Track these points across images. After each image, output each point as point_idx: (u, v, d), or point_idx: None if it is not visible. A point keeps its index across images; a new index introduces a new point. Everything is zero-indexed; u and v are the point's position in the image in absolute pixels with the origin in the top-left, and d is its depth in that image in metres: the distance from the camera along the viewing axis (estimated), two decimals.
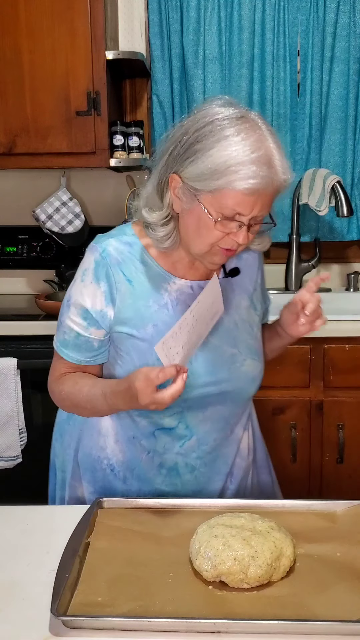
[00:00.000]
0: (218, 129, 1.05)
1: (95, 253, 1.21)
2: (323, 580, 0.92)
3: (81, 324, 1.20)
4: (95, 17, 2.24)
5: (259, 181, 1.03)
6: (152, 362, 1.16)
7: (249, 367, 1.25)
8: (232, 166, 1.02)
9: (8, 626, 0.85)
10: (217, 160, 1.03)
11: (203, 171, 1.05)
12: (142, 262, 1.20)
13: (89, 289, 1.20)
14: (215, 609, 0.87)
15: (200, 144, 1.06)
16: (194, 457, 1.26)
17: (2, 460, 2.16)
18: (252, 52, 2.51)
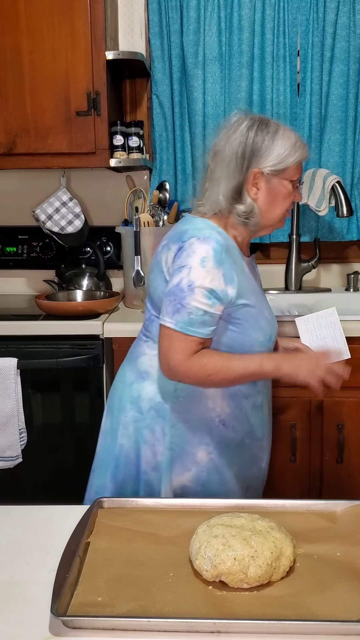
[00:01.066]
0: (276, 126, 1.46)
1: (211, 242, 1.41)
2: (323, 580, 0.92)
3: (207, 303, 1.39)
4: (95, 17, 2.24)
5: (307, 152, 1.51)
6: (263, 322, 1.51)
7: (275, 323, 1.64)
8: (297, 145, 1.46)
9: (8, 626, 0.85)
10: (287, 142, 1.45)
11: (281, 154, 1.45)
12: (232, 247, 1.48)
13: (211, 273, 1.39)
14: (215, 609, 0.87)
15: (266, 140, 1.44)
16: (265, 392, 1.62)
17: (2, 460, 2.16)
18: (252, 52, 2.51)
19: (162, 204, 2.49)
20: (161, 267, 1.48)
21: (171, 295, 1.40)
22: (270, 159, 1.44)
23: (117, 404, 1.61)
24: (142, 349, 1.59)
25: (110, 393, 1.67)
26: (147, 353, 1.58)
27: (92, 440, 2.21)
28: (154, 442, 1.54)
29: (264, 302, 1.57)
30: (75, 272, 2.65)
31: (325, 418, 2.17)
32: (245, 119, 1.46)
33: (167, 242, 1.49)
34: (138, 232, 2.32)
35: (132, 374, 1.60)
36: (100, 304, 2.29)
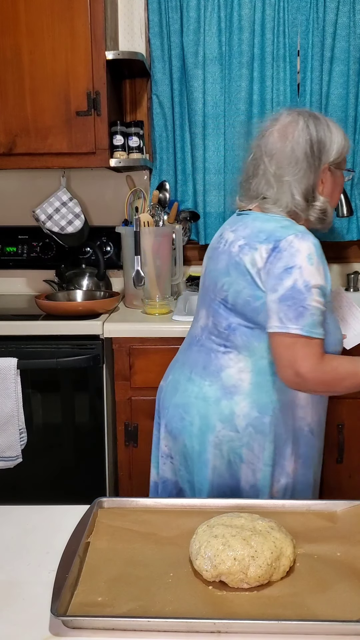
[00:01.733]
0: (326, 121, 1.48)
1: (310, 238, 1.38)
2: (323, 580, 0.92)
3: (321, 302, 1.36)
4: (95, 17, 2.24)
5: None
6: (332, 323, 1.46)
7: None
8: (344, 135, 1.50)
9: (8, 626, 0.85)
10: (340, 135, 1.48)
11: (339, 146, 1.47)
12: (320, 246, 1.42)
13: (319, 270, 1.35)
14: (215, 609, 0.87)
15: (326, 137, 1.45)
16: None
17: (2, 460, 2.16)
18: (252, 52, 2.51)
19: (162, 204, 2.49)
20: (244, 269, 1.38)
21: (288, 300, 1.32)
22: (333, 152, 1.46)
23: (198, 422, 1.48)
24: (224, 362, 1.46)
25: (177, 410, 1.53)
26: (232, 366, 1.45)
27: (92, 440, 2.22)
28: (253, 460, 1.46)
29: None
30: (75, 272, 2.65)
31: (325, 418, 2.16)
32: (298, 116, 1.45)
33: (247, 241, 1.40)
34: (138, 232, 2.32)
35: (216, 390, 1.47)
36: (100, 304, 2.29)
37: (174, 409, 1.54)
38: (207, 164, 2.62)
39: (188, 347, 1.59)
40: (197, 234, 2.71)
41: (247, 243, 1.40)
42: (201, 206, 2.65)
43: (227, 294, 1.43)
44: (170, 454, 1.59)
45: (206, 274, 1.54)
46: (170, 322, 2.18)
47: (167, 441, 1.58)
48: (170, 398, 1.57)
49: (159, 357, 2.15)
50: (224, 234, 1.50)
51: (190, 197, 2.67)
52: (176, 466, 1.57)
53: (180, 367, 1.59)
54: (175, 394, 1.55)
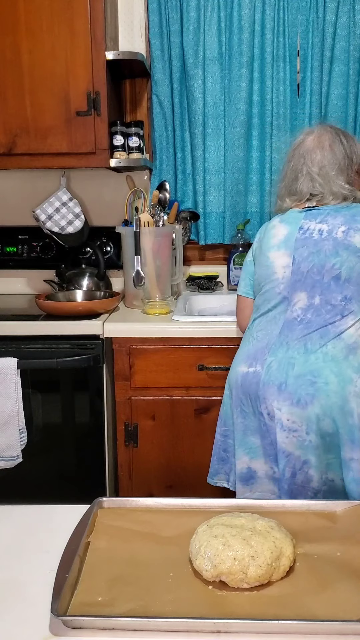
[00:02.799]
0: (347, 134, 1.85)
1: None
2: (323, 580, 0.92)
3: None
4: (95, 17, 2.24)
5: None
6: None
7: None
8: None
9: (8, 626, 0.85)
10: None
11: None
12: None
13: None
14: (215, 609, 0.87)
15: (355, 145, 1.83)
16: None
17: (2, 460, 2.16)
18: (252, 52, 2.51)
19: (162, 204, 2.49)
20: (356, 247, 1.67)
21: None
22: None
23: (335, 380, 1.61)
24: (343, 327, 1.66)
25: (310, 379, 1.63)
26: (351, 326, 1.66)
27: (92, 440, 2.22)
28: None
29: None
30: (75, 272, 2.65)
31: None
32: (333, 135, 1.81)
33: (348, 226, 1.70)
34: (138, 232, 2.32)
35: (341, 348, 1.65)
36: (100, 304, 2.29)
37: (296, 380, 1.64)
38: (207, 164, 2.62)
39: (286, 330, 1.71)
40: (197, 234, 2.71)
41: (350, 227, 1.69)
42: (201, 206, 2.65)
43: (340, 271, 1.67)
44: (294, 427, 1.64)
45: (300, 261, 1.72)
46: (170, 322, 2.18)
47: (290, 415, 1.64)
48: (283, 375, 1.66)
49: (159, 357, 2.15)
50: (308, 226, 1.74)
51: (190, 197, 2.68)
52: (302, 437, 1.63)
53: (283, 347, 1.70)
54: (292, 368, 1.66)
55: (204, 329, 2.13)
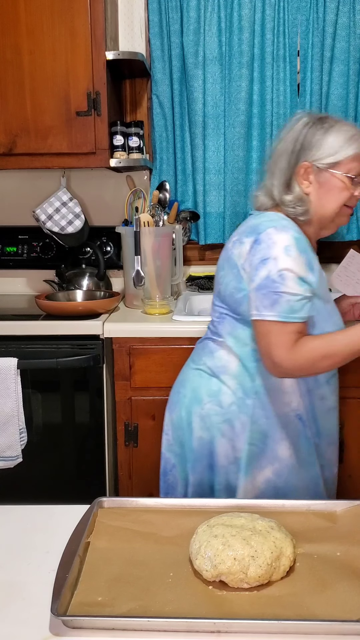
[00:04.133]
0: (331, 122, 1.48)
1: (290, 230, 1.43)
2: (323, 580, 0.92)
3: (300, 289, 1.40)
4: (95, 17, 2.24)
5: None
6: (336, 320, 1.52)
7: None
8: (351, 138, 1.45)
9: (8, 626, 0.85)
10: (341, 137, 1.45)
11: (332, 147, 1.45)
12: (305, 239, 1.47)
13: (297, 261, 1.40)
14: (215, 609, 0.87)
15: (317, 135, 1.46)
16: (337, 394, 1.62)
17: (2, 460, 2.16)
18: (252, 52, 2.51)
19: (162, 204, 2.49)
20: (233, 262, 1.48)
21: (263, 289, 1.40)
22: (320, 152, 1.46)
23: (190, 395, 1.61)
24: (217, 345, 1.58)
25: (177, 386, 1.67)
26: (222, 349, 1.57)
27: (92, 440, 2.22)
28: (233, 437, 1.55)
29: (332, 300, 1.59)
30: (75, 272, 2.65)
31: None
32: (303, 117, 1.52)
33: (238, 237, 1.50)
34: (138, 232, 2.32)
35: (209, 367, 1.59)
36: (100, 304, 2.29)
37: (174, 387, 1.69)
38: (207, 164, 2.62)
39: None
40: (197, 234, 2.71)
41: (238, 239, 1.50)
42: (201, 206, 2.65)
43: (221, 286, 1.54)
44: (166, 429, 1.68)
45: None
46: (170, 322, 2.18)
47: (165, 417, 1.70)
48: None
49: (159, 357, 2.15)
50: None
51: (190, 197, 2.68)
52: (169, 441, 1.67)
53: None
54: (179, 377, 1.70)
55: (204, 329, 2.12)
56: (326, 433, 1.61)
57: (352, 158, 1.46)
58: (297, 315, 1.39)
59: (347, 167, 1.47)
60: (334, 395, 1.60)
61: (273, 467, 1.55)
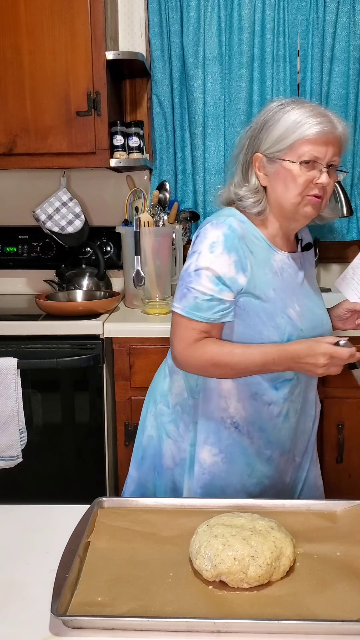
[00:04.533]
0: (278, 109, 1.36)
1: (223, 227, 1.37)
2: (323, 580, 0.92)
3: (214, 289, 1.35)
4: (95, 17, 2.24)
5: (324, 126, 1.31)
6: (280, 321, 1.40)
7: (329, 325, 1.53)
8: (300, 121, 1.32)
9: (8, 626, 0.85)
10: (286, 122, 1.34)
11: (278, 135, 1.35)
12: (255, 237, 1.41)
13: (220, 259, 1.35)
14: (215, 609, 0.87)
15: (269, 122, 1.36)
16: (298, 402, 1.49)
17: (2, 460, 2.16)
18: (252, 52, 2.51)
19: (162, 204, 2.49)
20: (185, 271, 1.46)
21: (180, 281, 1.40)
22: (267, 142, 1.37)
23: (151, 394, 1.62)
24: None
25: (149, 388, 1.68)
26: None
27: (92, 440, 2.22)
28: (178, 438, 1.53)
29: (295, 302, 1.44)
30: (75, 272, 2.65)
31: (325, 418, 2.17)
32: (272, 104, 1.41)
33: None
34: (138, 232, 2.32)
35: (166, 367, 1.59)
36: (100, 304, 2.29)
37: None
38: (207, 164, 2.62)
39: None
40: None
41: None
42: (201, 206, 2.65)
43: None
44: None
45: None
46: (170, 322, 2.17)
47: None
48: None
49: (159, 357, 2.14)
50: None
51: (190, 197, 2.67)
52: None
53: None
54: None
55: None
56: (277, 442, 1.49)
57: (302, 142, 1.33)
58: (201, 314, 1.36)
59: (297, 153, 1.34)
60: (288, 403, 1.47)
61: (194, 471, 1.49)
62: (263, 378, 1.43)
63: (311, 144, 1.33)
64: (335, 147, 1.36)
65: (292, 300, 1.44)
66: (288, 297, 1.43)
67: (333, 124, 1.34)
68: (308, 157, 1.33)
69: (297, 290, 1.46)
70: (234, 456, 1.47)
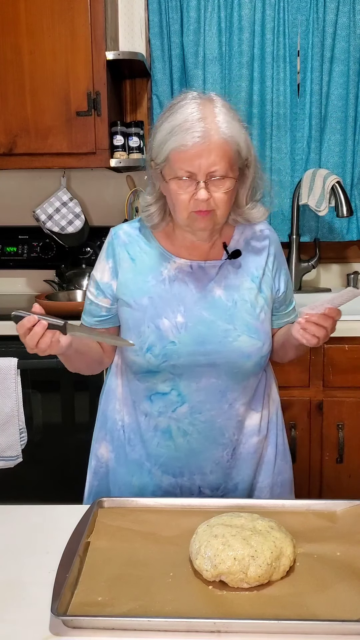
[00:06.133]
0: (168, 109, 1.25)
1: (109, 236, 1.39)
2: (323, 580, 0.92)
3: (93, 293, 1.39)
4: (96, 17, 2.24)
5: (191, 135, 1.16)
6: (144, 329, 1.32)
7: (243, 342, 1.32)
8: (171, 131, 1.19)
9: (8, 626, 0.85)
10: (163, 131, 1.21)
11: (156, 145, 1.23)
12: (147, 244, 1.36)
13: (100, 265, 1.38)
14: (215, 609, 0.87)
15: (156, 123, 1.25)
16: (187, 422, 1.35)
17: (2, 460, 2.16)
18: (252, 52, 2.51)
19: None
20: None
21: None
22: (152, 149, 1.25)
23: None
24: None
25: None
26: None
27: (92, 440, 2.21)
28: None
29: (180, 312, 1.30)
30: (76, 272, 2.65)
31: (325, 418, 2.17)
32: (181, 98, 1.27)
33: None
34: None
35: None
36: None
37: None
38: None
39: None
40: None
41: None
42: None
43: None
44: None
45: None
46: None
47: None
48: None
49: None
50: None
51: None
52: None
53: None
54: None
55: None
56: (158, 459, 1.37)
57: (173, 156, 1.19)
58: (86, 318, 1.42)
59: (173, 169, 1.19)
60: (168, 419, 1.35)
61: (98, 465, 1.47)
62: (140, 386, 1.36)
63: (180, 155, 1.18)
64: (212, 155, 1.17)
65: (175, 311, 1.31)
66: (169, 306, 1.31)
67: (206, 132, 1.16)
68: (181, 172, 1.18)
69: (188, 300, 1.31)
70: (121, 458, 1.42)
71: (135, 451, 1.40)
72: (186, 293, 1.32)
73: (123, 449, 1.41)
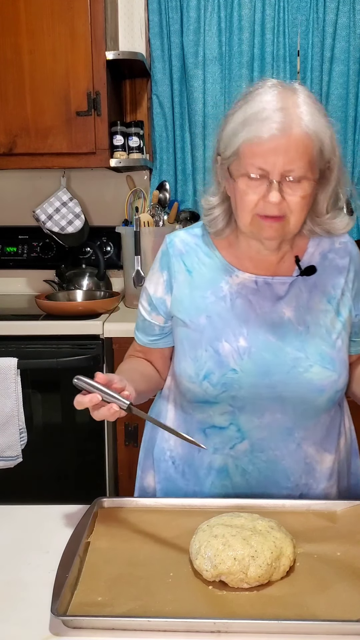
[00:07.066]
0: (242, 97, 1.08)
1: (164, 244, 1.23)
2: (323, 580, 0.92)
3: (146, 309, 1.25)
4: (95, 17, 2.24)
5: (268, 127, 1.00)
6: (201, 353, 1.16)
7: (315, 374, 1.14)
8: (245, 120, 1.03)
9: (8, 626, 0.85)
10: (234, 121, 1.05)
11: (225, 137, 1.07)
12: (206, 254, 1.20)
13: (154, 277, 1.23)
14: (215, 609, 0.87)
15: (228, 113, 1.09)
16: (246, 461, 1.20)
17: (2, 460, 2.16)
18: (252, 52, 2.51)
19: (162, 204, 2.49)
20: None
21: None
22: (222, 142, 1.09)
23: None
24: None
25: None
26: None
27: (92, 440, 2.22)
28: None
29: (242, 335, 1.15)
30: (75, 272, 2.65)
31: None
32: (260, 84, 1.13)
33: None
34: (138, 232, 2.32)
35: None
36: (100, 304, 2.29)
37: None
38: (207, 164, 2.62)
39: None
40: None
41: None
42: None
43: None
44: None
45: None
46: None
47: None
48: None
49: None
50: None
51: (190, 197, 2.67)
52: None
53: None
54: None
55: None
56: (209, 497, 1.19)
57: (245, 149, 1.03)
58: (140, 335, 1.28)
59: (242, 164, 1.04)
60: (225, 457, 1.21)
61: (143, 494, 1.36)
62: (194, 417, 1.22)
63: (254, 149, 1.02)
64: (291, 151, 1.01)
65: (236, 334, 1.15)
66: (229, 328, 1.15)
67: (287, 125, 1.01)
68: (253, 169, 1.04)
69: (252, 321, 1.15)
70: (168, 493, 1.28)
71: (190, 485, 1.25)
72: (250, 313, 1.15)
73: (173, 483, 1.27)
